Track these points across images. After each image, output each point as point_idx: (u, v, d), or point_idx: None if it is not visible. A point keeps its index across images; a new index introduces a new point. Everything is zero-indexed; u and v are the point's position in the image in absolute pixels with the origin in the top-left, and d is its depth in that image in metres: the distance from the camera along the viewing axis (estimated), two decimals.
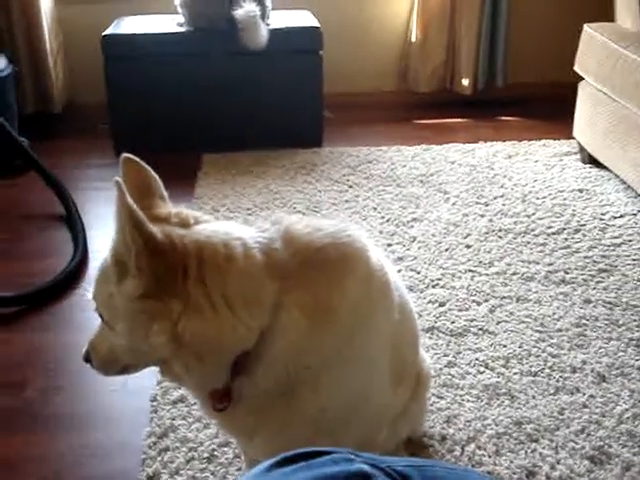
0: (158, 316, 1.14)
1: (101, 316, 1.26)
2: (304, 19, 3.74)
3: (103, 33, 3.56)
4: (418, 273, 2.54)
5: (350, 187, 3.25)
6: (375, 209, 3.03)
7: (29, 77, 3.93)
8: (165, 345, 1.15)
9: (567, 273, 2.53)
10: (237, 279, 1.16)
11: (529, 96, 4.25)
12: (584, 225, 2.87)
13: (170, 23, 3.67)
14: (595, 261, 2.61)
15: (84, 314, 2.37)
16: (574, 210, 3.00)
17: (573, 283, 2.47)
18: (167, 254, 1.14)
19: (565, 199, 3.10)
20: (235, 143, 3.59)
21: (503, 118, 4.16)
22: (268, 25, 3.53)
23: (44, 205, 3.14)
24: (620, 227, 2.85)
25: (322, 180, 3.31)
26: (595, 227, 2.85)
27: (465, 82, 4.21)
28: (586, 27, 3.35)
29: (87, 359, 1.33)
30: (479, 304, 2.35)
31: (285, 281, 1.19)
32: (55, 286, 2.53)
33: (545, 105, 4.11)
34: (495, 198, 3.12)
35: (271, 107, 3.59)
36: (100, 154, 3.68)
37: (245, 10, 3.39)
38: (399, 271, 2.52)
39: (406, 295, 1.52)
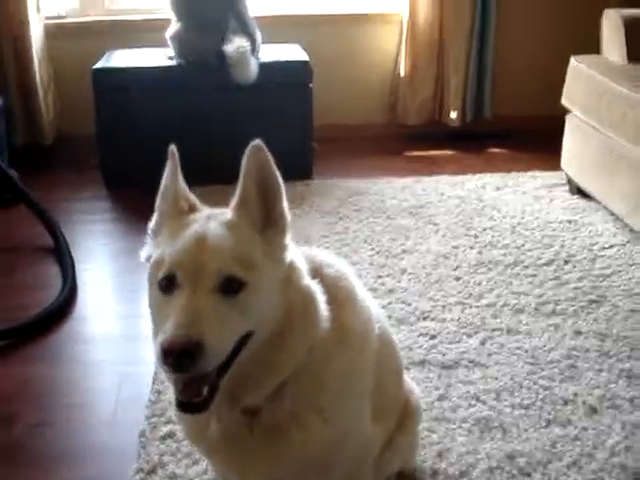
0: (295, 273, 1.25)
1: (231, 283, 1.13)
2: (294, 53, 3.77)
3: (93, 66, 3.58)
4: (409, 305, 2.53)
5: (340, 219, 3.25)
6: (365, 241, 3.03)
7: (19, 109, 3.94)
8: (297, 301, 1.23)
9: (557, 304, 2.53)
10: (317, 289, 1.28)
11: (517, 128, 4.28)
12: (573, 256, 2.88)
13: (160, 56, 3.69)
14: (585, 292, 2.61)
15: (74, 347, 2.36)
16: (563, 241, 3.01)
17: (563, 314, 2.47)
18: None
19: (554, 230, 3.11)
20: (225, 175, 3.56)
21: (491, 150, 4.19)
22: (258, 60, 3.56)
23: (34, 238, 3.12)
24: (609, 258, 2.87)
25: (312, 212, 3.31)
26: (584, 258, 2.86)
27: (453, 115, 4.24)
28: (573, 60, 3.39)
29: (190, 351, 1.06)
30: (470, 336, 2.35)
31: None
32: (45, 319, 2.50)
33: (533, 137, 4.14)
34: (484, 230, 3.13)
35: (261, 139, 3.57)
36: (90, 186, 3.68)
37: (235, 45, 3.42)
38: (389, 303, 2.53)
39: (387, 327, 1.55)
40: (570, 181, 3.48)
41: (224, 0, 3.52)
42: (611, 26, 3.33)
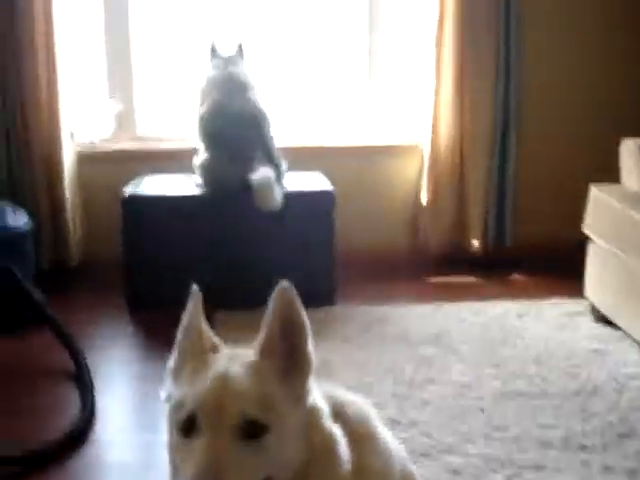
0: (317, 416, 1.24)
1: (252, 427, 1.13)
2: (318, 182, 3.86)
3: (124, 194, 3.67)
4: (431, 438, 2.47)
5: (361, 347, 3.21)
6: (387, 371, 2.98)
7: (48, 232, 4.00)
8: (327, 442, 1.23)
9: (585, 438, 2.46)
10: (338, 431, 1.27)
11: (538, 255, 4.28)
12: (600, 387, 2.82)
13: (188, 184, 3.79)
14: (613, 425, 2.54)
15: (90, 476, 2.32)
16: (589, 371, 2.95)
17: (592, 449, 2.40)
18: None
19: (579, 360, 3.06)
20: (249, 302, 3.58)
21: (513, 276, 4.19)
22: (283, 188, 3.64)
23: (56, 361, 3.11)
24: (637, 388, 2.81)
25: (334, 339, 3.28)
26: (611, 389, 2.80)
27: (475, 242, 4.26)
28: (593, 189, 3.42)
29: None
30: (495, 472, 2.27)
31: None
32: (59, 447, 2.47)
33: (555, 264, 4.13)
34: (508, 359, 3.08)
35: (285, 266, 3.57)
36: (113, 311, 3.70)
37: (260, 174, 3.52)
38: (411, 436, 2.46)
39: (409, 464, 1.53)
40: (594, 309, 3.45)
41: (251, 131, 3.63)
42: (629, 156, 3.38)
